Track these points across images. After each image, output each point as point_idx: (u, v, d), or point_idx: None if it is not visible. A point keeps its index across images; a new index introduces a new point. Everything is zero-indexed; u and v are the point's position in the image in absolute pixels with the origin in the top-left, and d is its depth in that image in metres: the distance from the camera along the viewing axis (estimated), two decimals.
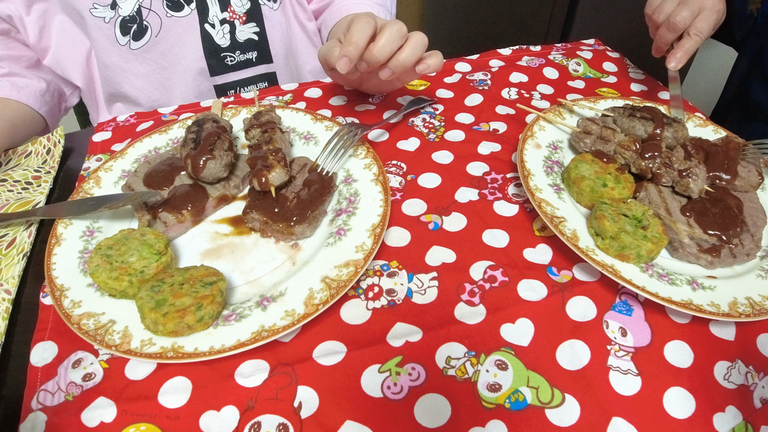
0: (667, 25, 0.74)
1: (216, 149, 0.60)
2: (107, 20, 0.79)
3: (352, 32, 0.60)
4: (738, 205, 0.59)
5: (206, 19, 0.84)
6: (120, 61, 0.83)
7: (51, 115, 0.87)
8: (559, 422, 0.43)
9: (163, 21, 0.81)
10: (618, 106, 0.73)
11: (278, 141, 0.62)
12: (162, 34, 0.82)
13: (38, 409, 0.44)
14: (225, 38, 0.87)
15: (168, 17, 0.82)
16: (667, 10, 0.75)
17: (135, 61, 0.84)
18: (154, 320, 0.45)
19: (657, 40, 0.77)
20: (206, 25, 0.84)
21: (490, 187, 0.64)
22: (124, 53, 0.83)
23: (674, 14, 0.73)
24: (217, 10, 0.84)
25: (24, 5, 0.77)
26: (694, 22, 0.73)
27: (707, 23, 0.72)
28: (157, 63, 0.85)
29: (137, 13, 0.80)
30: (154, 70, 0.86)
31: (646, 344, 0.48)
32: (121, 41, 0.81)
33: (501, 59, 0.90)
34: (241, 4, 0.86)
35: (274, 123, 0.66)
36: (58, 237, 0.56)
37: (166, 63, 0.86)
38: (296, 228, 0.55)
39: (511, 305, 0.51)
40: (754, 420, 0.44)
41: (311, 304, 0.48)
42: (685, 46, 0.73)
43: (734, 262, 0.55)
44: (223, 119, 0.66)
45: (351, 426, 0.43)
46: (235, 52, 0.89)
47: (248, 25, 0.88)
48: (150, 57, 0.84)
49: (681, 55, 0.73)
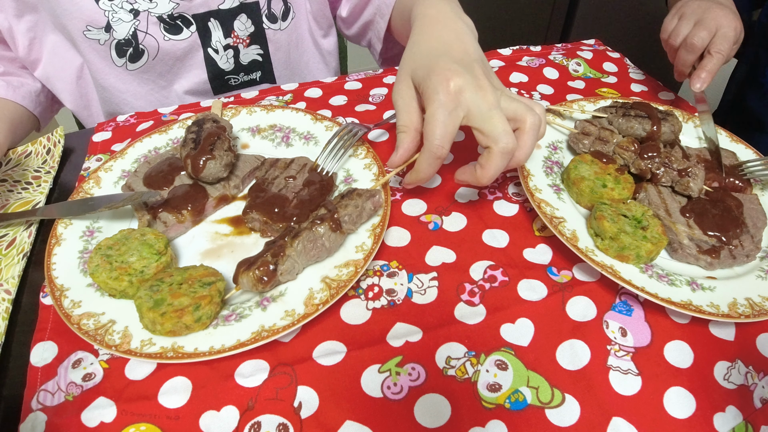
0: (686, 47, 0.72)
1: (216, 149, 0.60)
2: (102, 42, 0.76)
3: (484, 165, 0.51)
4: (738, 207, 0.59)
5: (209, 44, 0.82)
6: (117, 82, 0.81)
7: (43, 116, 0.86)
8: (559, 422, 0.43)
9: (160, 44, 0.78)
10: (608, 106, 0.73)
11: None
12: (159, 56, 0.80)
13: (38, 409, 0.44)
14: (229, 62, 0.85)
15: (166, 41, 0.78)
16: (683, 32, 0.73)
17: (133, 81, 0.82)
18: (152, 320, 0.45)
19: (677, 64, 0.75)
20: (209, 50, 0.82)
21: (489, 186, 0.64)
22: (121, 74, 0.80)
23: (691, 35, 0.71)
24: (220, 35, 0.82)
25: (14, 15, 0.75)
26: (713, 41, 0.70)
27: (726, 41, 0.70)
28: (155, 83, 0.83)
29: (133, 36, 0.76)
30: (152, 89, 0.84)
31: (646, 344, 0.48)
32: (117, 62, 0.78)
33: (501, 59, 0.90)
34: (244, 28, 0.84)
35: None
36: (58, 237, 0.56)
37: (164, 83, 0.84)
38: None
39: (511, 305, 0.51)
40: (754, 420, 0.44)
41: (311, 304, 0.48)
42: (707, 66, 0.71)
43: (734, 264, 0.55)
44: (223, 119, 0.66)
45: (351, 426, 0.43)
46: (239, 74, 0.88)
47: (252, 47, 0.86)
48: (148, 77, 0.82)
49: (705, 75, 0.71)
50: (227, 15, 0.81)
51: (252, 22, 0.84)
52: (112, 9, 0.74)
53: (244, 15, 0.83)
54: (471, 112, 0.50)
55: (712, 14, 0.71)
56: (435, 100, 0.50)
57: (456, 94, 0.50)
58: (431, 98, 0.50)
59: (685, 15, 0.74)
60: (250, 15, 0.83)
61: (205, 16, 0.80)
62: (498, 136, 0.49)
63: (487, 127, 0.50)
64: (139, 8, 0.75)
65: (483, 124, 0.50)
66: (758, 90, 0.89)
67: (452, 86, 0.50)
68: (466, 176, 0.54)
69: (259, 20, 0.84)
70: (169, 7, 0.77)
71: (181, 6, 0.77)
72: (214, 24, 0.81)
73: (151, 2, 0.76)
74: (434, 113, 0.50)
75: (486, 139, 0.50)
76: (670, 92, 0.84)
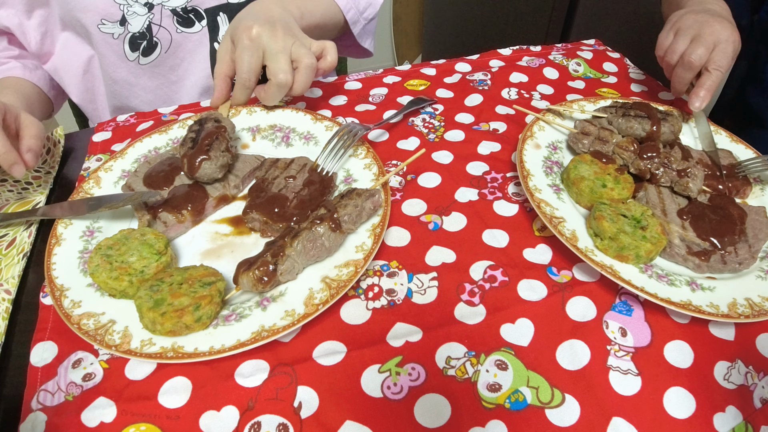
0: (683, 65, 0.69)
1: (212, 150, 0.60)
2: (116, 36, 0.78)
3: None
4: (741, 216, 0.58)
5: (216, 38, 0.83)
6: (128, 75, 0.83)
7: (57, 99, 0.89)
8: (559, 422, 0.43)
9: (173, 37, 0.80)
10: (608, 106, 0.73)
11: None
12: (172, 49, 0.82)
13: (38, 409, 0.44)
14: None
15: (178, 33, 0.81)
16: (680, 49, 0.70)
17: (144, 75, 0.83)
18: (152, 320, 0.45)
19: (674, 81, 0.72)
20: (215, 44, 0.84)
21: (489, 186, 0.64)
22: (132, 68, 0.82)
23: (688, 53, 0.68)
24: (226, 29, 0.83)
25: (24, 11, 0.77)
26: (712, 57, 0.67)
27: (725, 56, 0.67)
28: (165, 77, 0.85)
29: (147, 29, 0.79)
30: (162, 84, 0.85)
31: (646, 344, 0.48)
32: (129, 57, 0.80)
33: (501, 59, 0.90)
34: None
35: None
36: (58, 237, 0.56)
37: (174, 77, 0.85)
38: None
39: (511, 305, 0.51)
40: (754, 420, 0.44)
41: (311, 304, 0.48)
42: (706, 83, 0.68)
43: (724, 269, 0.54)
44: (226, 119, 0.66)
45: (351, 426, 0.43)
46: None
47: None
48: (159, 71, 0.84)
49: (704, 93, 0.68)
50: (236, 8, 0.82)
51: None
52: (127, 3, 0.76)
53: None
54: (266, 52, 0.65)
55: (709, 29, 0.68)
56: (240, 43, 0.65)
57: (256, 38, 0.65)
58: (238, 43, 0.66)
59: (681, 30, 0.71)
60: None
61: (216, 9, 0.82)
62: (277, 71, 0.65)
63: (272, 64, 0.65)
64: (154, 1, 0.77)
65: (270, 61, 0.66)
66: (758, 86, 0.89)
67: (254, 32, 0.65)
68: (259, 93, 0.70)
69: None
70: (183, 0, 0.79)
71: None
72: (223, 18, 0.83)
73: None
74: (240, 53, 0.66)
75: (270, 73, 0.66)
76: (669, 92, 0.84)
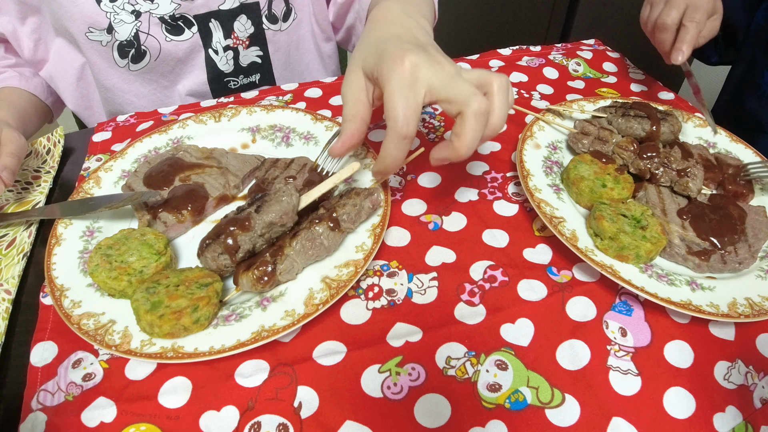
0: (658, 28, 0.75)
1: (209, 250, 0.50)
2: (104, 44, 0.76)
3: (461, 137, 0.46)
4: (740, 215, 0.58)
5: (210, 45, 0.82)
6: (120, 82, 0.82)
7: (56, 106, 0.88)
8: (559, 422, 0.43)
9: (162, 45, 0.79)
10: (608, 106, 0.73)
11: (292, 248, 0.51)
12: (162, 57, 0.80)
13: (38, 409, 0.44)
14: (228, 64, 0.85)
15: (167, 41, 0.79)
16: (654, 15, 0.76)
17: (135, 82, 0.82)
18: (149, 322, 0.45)
19: (657, 47, 0.77)
20: (210, 51, 0.83)
21: (489, 186, 0.64)
22: (123, 75, 0.81)
23: (661, 16, 0.74)
24: (220, 36, 0.82)
25: (18, 18, 0.76)
26: (686, 13, 0.72)
27: (697, 10, 0.72)
28: (158, 83, 0.84)
29: (134, 37, 0.76)
30: (155, 89, 0.84)
31: (646, 344, 0.48)
32: (120, 63, 0.79)
33: (501, 59, 0.90)
34: (244, 29, 0.84)
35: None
36: (58, 237, 0.56)
37: (166, 82, 0.84)
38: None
39: (511, 305, 0.51)
40: (754, 420, 0.44)
41: (311, 304, 0.48)
42: (685, 37, 0.72)
43: (724, 269, 0.54)
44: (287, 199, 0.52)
45: (351, 426, 0.43)
46: (239, 77, 0.88)
47: (251, 49, 0.86)
48: (151, 77, 0.82)
49: (684, 47, 0.71)
50: (227, 15, 0.81)
51: (252, 23, 0.84)
52: (114, 10, 0.74)
53: (244, 16, 0.83)
54: (432, 85, 0.46)
55: None
56: (391, 80, 0.46)
57: (412, 70, 0.46)
58: (387, 79, 0.46)
59: (656, 1, 0.77)
60: (250, 16, 0.83)
61: (206, 16, 0.80)
62: (467, 98, 0.45)
63: (453, 93, 0.46)
64: (141, 9, 0.75)
65: (448, 92, 0.46)
66: (755, 91, 0.89)
67: (407, 64, 0.46)
68: (443, 152, 0.49)
69: (259, 21, 0.84)
70: (171, 8, 0.77)
71: (183, 7, 0.77)
72: (215, 25, 0.81)
73: (152, 3, 0.76)
74: (393, 92, 0.46)
75: (455, 105, 0.46)
76: (670, 92, 0.84)
